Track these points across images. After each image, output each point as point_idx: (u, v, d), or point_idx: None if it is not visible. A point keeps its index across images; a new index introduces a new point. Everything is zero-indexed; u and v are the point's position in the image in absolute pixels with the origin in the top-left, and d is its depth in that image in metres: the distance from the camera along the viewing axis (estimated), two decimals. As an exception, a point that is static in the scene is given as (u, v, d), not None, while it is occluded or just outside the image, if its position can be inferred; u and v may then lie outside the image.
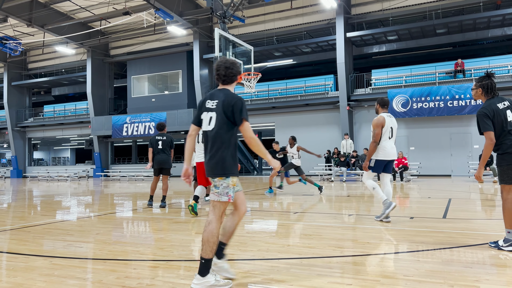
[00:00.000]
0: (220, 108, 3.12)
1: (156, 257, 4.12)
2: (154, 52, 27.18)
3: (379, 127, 5.93)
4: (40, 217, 7.39)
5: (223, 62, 3.27)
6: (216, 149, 3.10)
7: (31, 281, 3.31)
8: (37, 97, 38.17)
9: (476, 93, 4.37)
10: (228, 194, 3.13)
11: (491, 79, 4.28)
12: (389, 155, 5.98)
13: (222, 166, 3.08)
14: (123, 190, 14.79)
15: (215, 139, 3.11)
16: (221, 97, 3.17)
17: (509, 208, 4.04)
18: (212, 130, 3.12)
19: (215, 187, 3.15)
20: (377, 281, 3.16)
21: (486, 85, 4.27)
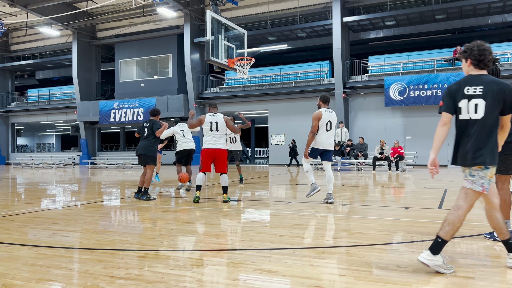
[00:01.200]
0: (489, 94, 3.12)
1: (145, 247, 4.12)
2: (143, 35, 26.86)
3: (316, 120, 6.95)
4: (24, 206, 7.35)
5: (477, 45, 3.33)
6: (484, 136, 3.13)
7: (15, 271, 3.30)
8: (20, 81, 37.65)
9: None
10: (483, 185, 3.18)
11: (495, 65, 4.11)
12: (324, 145, 7.01)
13: (491, 154, 3.13)
14: (110, 178, 14.74)
15: (483, 126, 3.13)
16: (487, 82, 3.16)
17: (505, 199, 4.07)
18: (480, 118, 3.14)
19: (469, 175, 3.23)
20: (370, 272, 3.20)
21: (491, 71, 4.13)
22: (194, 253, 3.91)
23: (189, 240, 4.42)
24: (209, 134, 7.31)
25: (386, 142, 17.81)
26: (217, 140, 7.35)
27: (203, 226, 5.28)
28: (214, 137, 7.30)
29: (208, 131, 7.31)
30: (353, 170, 18.17)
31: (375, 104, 21.78)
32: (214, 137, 7.30)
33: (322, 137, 6.97)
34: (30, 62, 31.04)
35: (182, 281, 3.03)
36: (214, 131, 7.30)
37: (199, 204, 7.21)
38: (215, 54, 13.32)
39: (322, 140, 6.99)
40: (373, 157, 17.04)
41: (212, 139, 7.30)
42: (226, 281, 3.03)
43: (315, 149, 7.03)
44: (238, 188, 9.99)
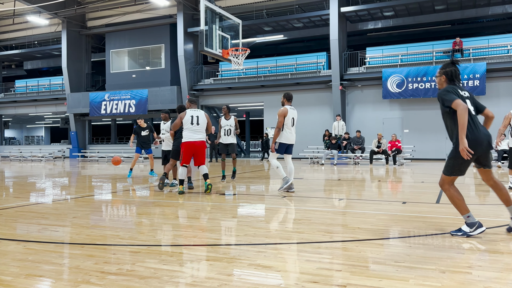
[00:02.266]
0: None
1: (137, 241, 4.12)
2: (135, 24, 26.65)
3: (282, 116, 7.61)
4: (13, 200, 7.32)
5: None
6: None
7: (3, 266, 3.29)
8: (7, 71, 37.32)
9: (440, 80, 4.42)
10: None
11: (455, 66, 4.35)
12: (289, 140, 7.73)
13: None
14: (101, 172, 14.69)
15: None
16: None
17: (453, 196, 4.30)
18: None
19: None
20: (366, 267, 3.22)
21: (450, 72, 4.32)
22: (188, 248, 3.91)
23: (183, 235, 4.43)
24: (190, 128, 7.61)
25: (383, 135, 17.87)
26: (197, 134, 7.66)
27: (197, 220, 5.28)
28: (195, 132, 7.63)
29: (189, 125, 7.60)
30: (350, 164, 18.24)
31: (372, 97, 21.82)
32: (194, 131, 7.62)
33: (288, 132, 7.69)
34: (17, 52, 30.74)
35: (175, 277, 3.04)
36: (195, 125, 7.62)
37: (192, 198, 7.21)
38: (209, 44, 13.24)
39: (288, 135, 7.70)
40: (370, 150, 17.10)
41: (193, 133, 7.62)
42: (220, 276, 3.04)
43: (282, 144, 7.71)
44: (220, 183, 9.85)
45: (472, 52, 20.33)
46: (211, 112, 27.77)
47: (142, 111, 25.33)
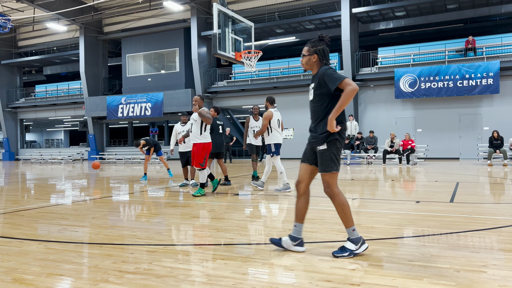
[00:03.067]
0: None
1: (154, 241, 4.16)
2: (150, 29, 26.91)
3: (267, 119, 8.00)
4: (34, 201, 7.45)
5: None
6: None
7: (25, 266, 3.35)
8: (28, 77, 37.99)
9: (309, 60, 3.62)
10: None
11: (325, 44, 3.65)
12: (280, 140, 8.13)
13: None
14: (119, 173, 14.85)
15: None
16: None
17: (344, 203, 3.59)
18: None
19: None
20: (380, 267, 3.20)
21: (322, 51, 3.61)
22: (203, 247, 3.93)
23: (198, 235, 4.45)
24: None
25: (396, 135, 17.70)
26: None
27: (211, 220, 5.30)
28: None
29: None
30: (363, 163, 18.10)
31: (385, 97, 21.63)
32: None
33: (277, 133, 8.11)
34: (37, 58, 31.27)
35: (191, 275, 3.05)
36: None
37: (207, 198, 7.24)
38: (222, 47, 13.29)
39: (279, 136, 8.13)
40: (383, 150, 16.95)
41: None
42: (235, 275, 3.04)
43: (278, 145, 8.12)
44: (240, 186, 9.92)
45: (485, 51, 20.00)
46: (224, 114, 27.85)
47: (157, 114, 25.54)
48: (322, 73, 3.51)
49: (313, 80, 3.64)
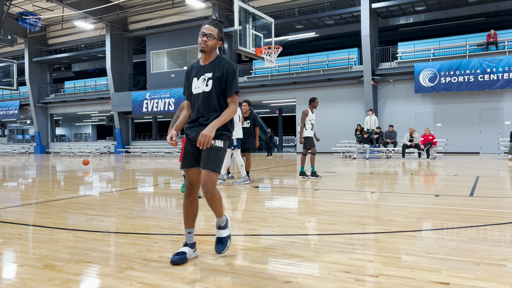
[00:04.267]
0: None
1: (177, 231, 4.21)
2: (173, 26, 27.08)
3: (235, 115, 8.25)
4: (64, 192, 7.63)
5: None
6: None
7: (55, 253, 3.44)
8: (57, 73, 38.82)
9: (215, 44, 3.19)
10: None
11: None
12: (240, 134, 8.49)
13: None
14: (144, 166, 15.06)
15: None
16: None
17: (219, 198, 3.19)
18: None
19: None
20: (399, 259, 3.16)
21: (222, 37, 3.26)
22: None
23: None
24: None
25: (416, 129, 17.39)
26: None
27: (232, 212, 5.33)
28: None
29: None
30: (382, 157, 17.86)
31: (404, 91, 21.26)
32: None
33: (239, 128, 8.48)
34: (66, 55, 31.90)
35: (213, 264, 3.08)
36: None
37: (228, 190, 7.28)
38: (243, 43, 13.28)
39: (239, 131, 8.49)
40: (403, 144, 16.68)
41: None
42: (255, 265, 3.06)
43: (239, 139, 8.46)
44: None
45: (508, 45, 19.40)
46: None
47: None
48: (229, 69, 3.15)
49: (211, 70, 3.15)
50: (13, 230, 4.38)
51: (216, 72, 3.15)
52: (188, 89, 3.28)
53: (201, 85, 3.16)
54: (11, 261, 3.26)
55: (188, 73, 3.31)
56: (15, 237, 4.03)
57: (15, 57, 34.18)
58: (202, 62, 3.24)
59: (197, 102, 3.18)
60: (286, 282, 2.70)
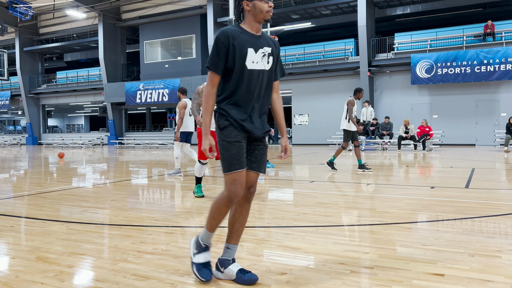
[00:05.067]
0: None
1: (171, 223, 4.21)
2: (167, 15, 26.85)
3: (183, 108, 8.37)
4: (56, 184, 7.60)
5: None
6: None
7: (48, 245, 3.44)
8: (49, 63, 38.46)
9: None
10: None
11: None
12: (188, 128, 8.50)
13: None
14: (138, 158, 15.03)
15: None
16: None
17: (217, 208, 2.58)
18: None
19: None
20: (394, 250, 3.18)
21: None
22: (219, 229, 3.96)
23: (214, 218, 4.48)
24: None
25: (412, 121, 17.45)
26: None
27: (227, 204, 5.33)
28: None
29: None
30: (378, 149, 17.93)
31: (401, 83, 21.28)
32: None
33: (188, 122, 8.50)
34: (58, 44, 31.57)
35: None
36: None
37: (223, 182, 7.29)
38: (238, 33, 13.21)
39: (188, 125, 8.49)
40: (398, 136, 16.75)
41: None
42: (250, 256, 3.07)
43: (184, 132, 8.51)
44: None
45: (505, 36, 19.43)
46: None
47: (175, 100, 25.63)
48: (279, 47, 2.68)
49: (269, 44, 2.59)
50: (5, 222, 4.36)
51: (274, 48, 2.62)
52: (239, 62, 2.46)
53: (260, 60, 2.52)
54: (4, 253, 3.25)
55: (229, 40, 2.44)
56: (7, 229, 4.02)
57: (5, 46, 33.80)
58: (255, 32, 2.55)
59: (254, 82, 2.51)
60: (281, 274, 2.71)
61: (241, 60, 2.45)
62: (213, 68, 2.46)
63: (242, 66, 2.45)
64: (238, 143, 2.49)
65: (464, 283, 2.51)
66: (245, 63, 2.46)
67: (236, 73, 2.46)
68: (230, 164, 2.48)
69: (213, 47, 2.46)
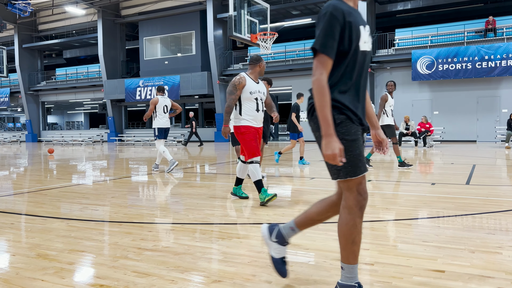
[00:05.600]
0: None
1: (171, 220, 4.22)
2: (166, 12, 26.79)
3: (153, 104, 8.73)
4: (56, 181, 7.61)
5: None
6: None
7: (48, 242, 3.44)
8: (48, 60, 38.42)
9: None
10: None
11: None
12: (164, 124, 8.82)
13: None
14: (138, 155, 15.03)
15: None
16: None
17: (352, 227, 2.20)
18: None
19: None
20: (395, 247, 3.19)
21: None
22: (219, 226, 3.97)
23: (214, 214, 4.49)
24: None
25: (413, 117, 17.44)
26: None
27: (227, 201, 5.34)
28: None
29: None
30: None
31: (401, 79, 21.25)
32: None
33: (163, 118, 8.79)
34: (57, 41, 31.53)
35: (208, 253, 3.09)
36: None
37: (223, 179, 7.28)
38: (238, 29, 13.19)
39: (163, 121, 8.80)
40: (399, 132, 16.74)
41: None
42: (250, 253, 3.07)
43: (161, 129, 8.81)
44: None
45: (506, 31, 19.39)
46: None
47: (174, 96, 25.63)
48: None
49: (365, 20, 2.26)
50: (5, 219, 4.37)
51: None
52: (354, 42, 2.09)
53: (368, 40, 2.19)
54: (4, 250, 3.26)
55: (344, 18, 2.05)
56: (7, 226, 4.03)
57: (4, 43, 33.75)
58: (355, 6, 2.21)
59: (365, 65, 2.20)
60: (281, 270, 2.71)
61: (356, 40, 2.08)
62: (327, 50, 2.02)
63: (356, 47, 2.09)
64: (358, 141, 2.12)
65: (464, 279, 2.51)
66: (359, 44, 2.10)
67: (349, 56, 2.09)
68: (356, 167, 2.08)
69: (325, 25, 2.01)
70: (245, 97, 5.01)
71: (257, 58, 5.15)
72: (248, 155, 5.03)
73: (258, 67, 5.14)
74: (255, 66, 5.14)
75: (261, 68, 5.16)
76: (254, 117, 5.07)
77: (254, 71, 5.15)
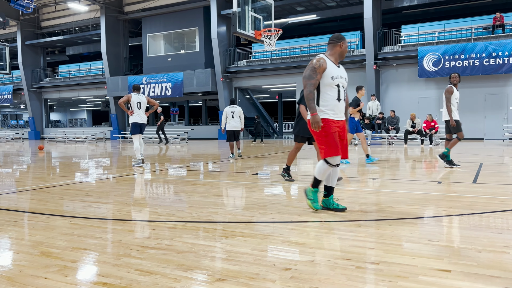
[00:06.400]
0: None
1: (175, 218, 4.23)
2: (170, 8, 26.80)
3: (124, 101, 9.38)
4: (59, 178, 7.64)
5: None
6: None
7: (51, 240, 3.46)
8: (51, 57, 38.54)
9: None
10: None
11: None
12: (139, 120, 9.45)
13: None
14: (140, 152, 15.04)
15: None
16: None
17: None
18: None
19: None
20: (400, 246, 3.18)
21: None
22: (223, 224, 3.98)
23: (218, 212, 4.50)
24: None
25: (419, 115, 17.37)
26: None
27: (231, 199, 5.35)
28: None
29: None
30: (384, 144, 17.87)
31: (407, 76, 21.17)
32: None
33: (139, 115, 9.41)
34: (60, 38, 31.63)
35: (211, 252, 3.10)
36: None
37: (227, 177, 7.29)
38: (242, 26, 13.17)
39: (138, 117, 9.40)
40: (405, 130, 16.69)
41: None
42: (254, 252, 3.08)
43: (136, 124, 9.42)
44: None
45: (514, 28, 19.26)
46: (244, 94, 27.75)
47: (178, 93, 25.66)
48: None
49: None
50: (8, 216, 4.40)
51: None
52: None
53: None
54: (7, 248, 3.28)
55: None
56: (10, 224, 4.05)
57: (7, 40, 33.90)
58: None
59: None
60: (285, 269, 2.72)
61: None
62: None
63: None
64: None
65: (471, 279, 2.50)
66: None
67: None
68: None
69: None
70: (325, 83, 4.22)
71: (339, 37, 4.34)
72: (325, 152, 4.26)
73: (339, 47, 4.32)
74: (335, 46, 4.32)
75: (342, 49, 4.33)
76: (334, 108, 4.26)
77: (334, 52, 4.34)
